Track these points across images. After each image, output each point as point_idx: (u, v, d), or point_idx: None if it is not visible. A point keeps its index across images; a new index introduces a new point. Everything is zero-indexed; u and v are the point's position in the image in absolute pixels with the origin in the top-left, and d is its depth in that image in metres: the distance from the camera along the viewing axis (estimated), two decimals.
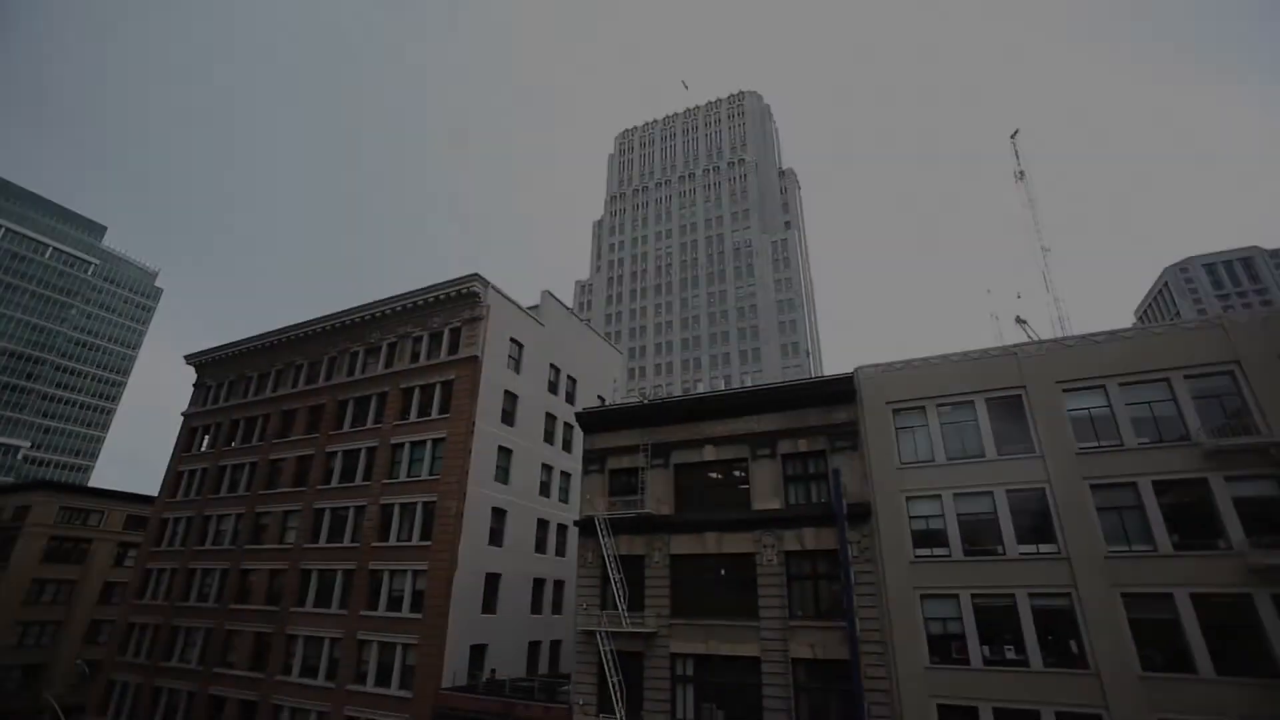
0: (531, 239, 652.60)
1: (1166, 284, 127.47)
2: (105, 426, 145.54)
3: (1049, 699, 18.11)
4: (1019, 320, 34.04)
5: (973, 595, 19.86)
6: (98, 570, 53.25)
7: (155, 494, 45.92)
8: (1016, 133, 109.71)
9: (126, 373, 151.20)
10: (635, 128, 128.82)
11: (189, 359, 47.82)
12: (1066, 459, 20.04)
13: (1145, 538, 18.61)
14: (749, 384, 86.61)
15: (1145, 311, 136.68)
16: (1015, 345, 22.24)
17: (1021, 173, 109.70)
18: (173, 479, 44.35)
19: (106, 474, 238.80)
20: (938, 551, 20.77)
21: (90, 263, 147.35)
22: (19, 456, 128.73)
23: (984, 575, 19.90)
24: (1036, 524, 19.96)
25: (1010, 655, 19.01)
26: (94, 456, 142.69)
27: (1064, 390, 20.91)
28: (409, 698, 27.49)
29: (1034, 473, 20.34)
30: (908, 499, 21.67)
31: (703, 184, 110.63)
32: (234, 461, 41.15)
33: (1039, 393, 21.11)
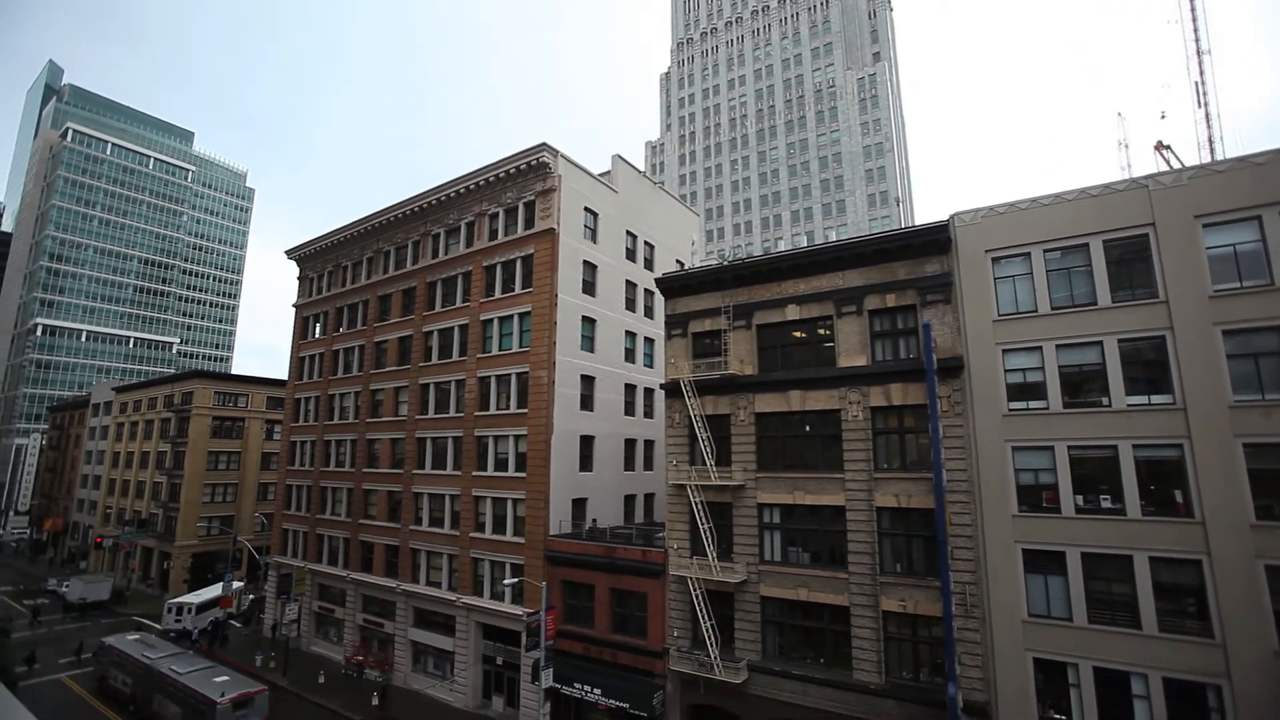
0: (598, 102, 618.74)
1: None
2: (233, 322, 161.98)
3: (1144, 544, 17.92)
4: (1159, 146, 29.26)
5: (1069, 447, 19.29)
6: (253, 443, 63.27)
7: (285, 378, 51.72)
8: None
9: (240, 271, 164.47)
10: None
11: (289, 254, 51.01)
12: (1197, 303, 18.06)
13: None
14: (833, 239, 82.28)
15: None
16: (1147, 176, 19.42)
17: None
18: (296, 364, 49.47)
19: (243, 364, 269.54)
20: (1034, 405, 20.02)
21: (187, 169, 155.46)
22: (174, 351, 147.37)
23: (1084, 427, 19.14)
24: (1150, 374, 18.61)
25: (1105, 504, 18.71)
26: (230, 349, 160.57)
27: (1204, 225, 18.35)
28: (522, 543, 31.26)
29: (1154, 319, 18.60)
30: (1004, 352, 20.65)
31: (778, 17, 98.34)
32: (345, 345, 45.03)
33: (1171, 230, 18.67)
